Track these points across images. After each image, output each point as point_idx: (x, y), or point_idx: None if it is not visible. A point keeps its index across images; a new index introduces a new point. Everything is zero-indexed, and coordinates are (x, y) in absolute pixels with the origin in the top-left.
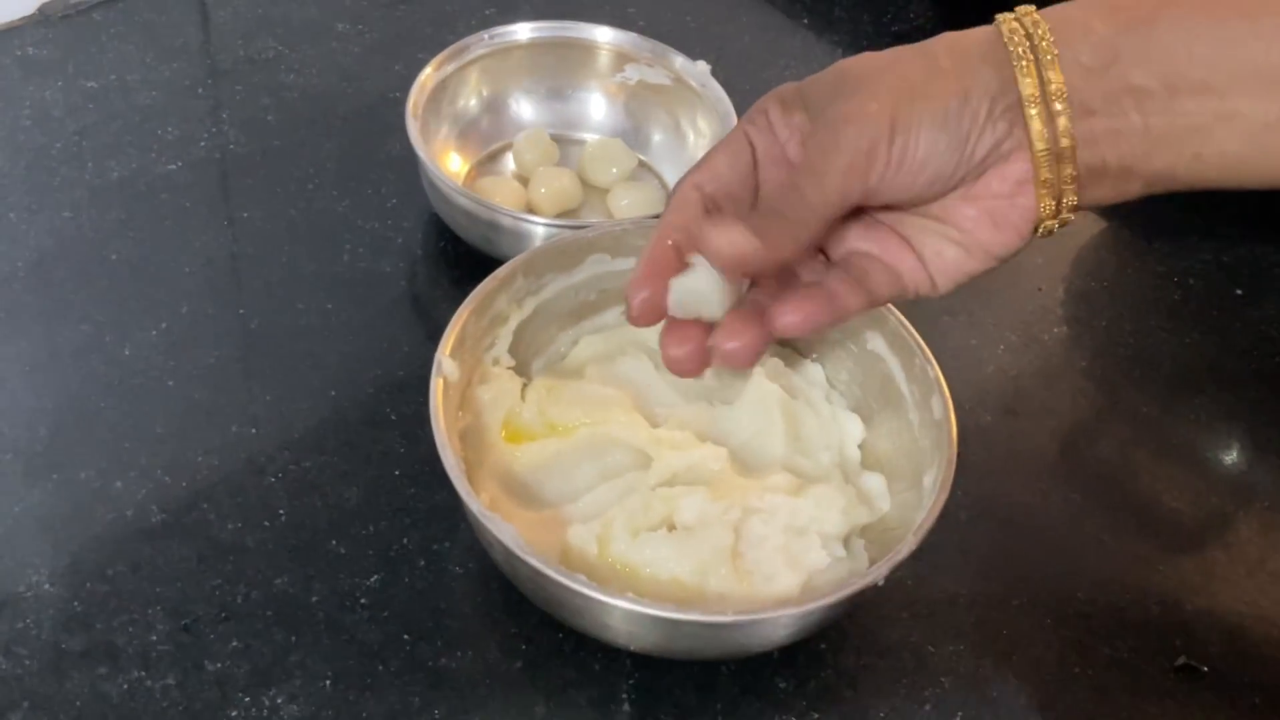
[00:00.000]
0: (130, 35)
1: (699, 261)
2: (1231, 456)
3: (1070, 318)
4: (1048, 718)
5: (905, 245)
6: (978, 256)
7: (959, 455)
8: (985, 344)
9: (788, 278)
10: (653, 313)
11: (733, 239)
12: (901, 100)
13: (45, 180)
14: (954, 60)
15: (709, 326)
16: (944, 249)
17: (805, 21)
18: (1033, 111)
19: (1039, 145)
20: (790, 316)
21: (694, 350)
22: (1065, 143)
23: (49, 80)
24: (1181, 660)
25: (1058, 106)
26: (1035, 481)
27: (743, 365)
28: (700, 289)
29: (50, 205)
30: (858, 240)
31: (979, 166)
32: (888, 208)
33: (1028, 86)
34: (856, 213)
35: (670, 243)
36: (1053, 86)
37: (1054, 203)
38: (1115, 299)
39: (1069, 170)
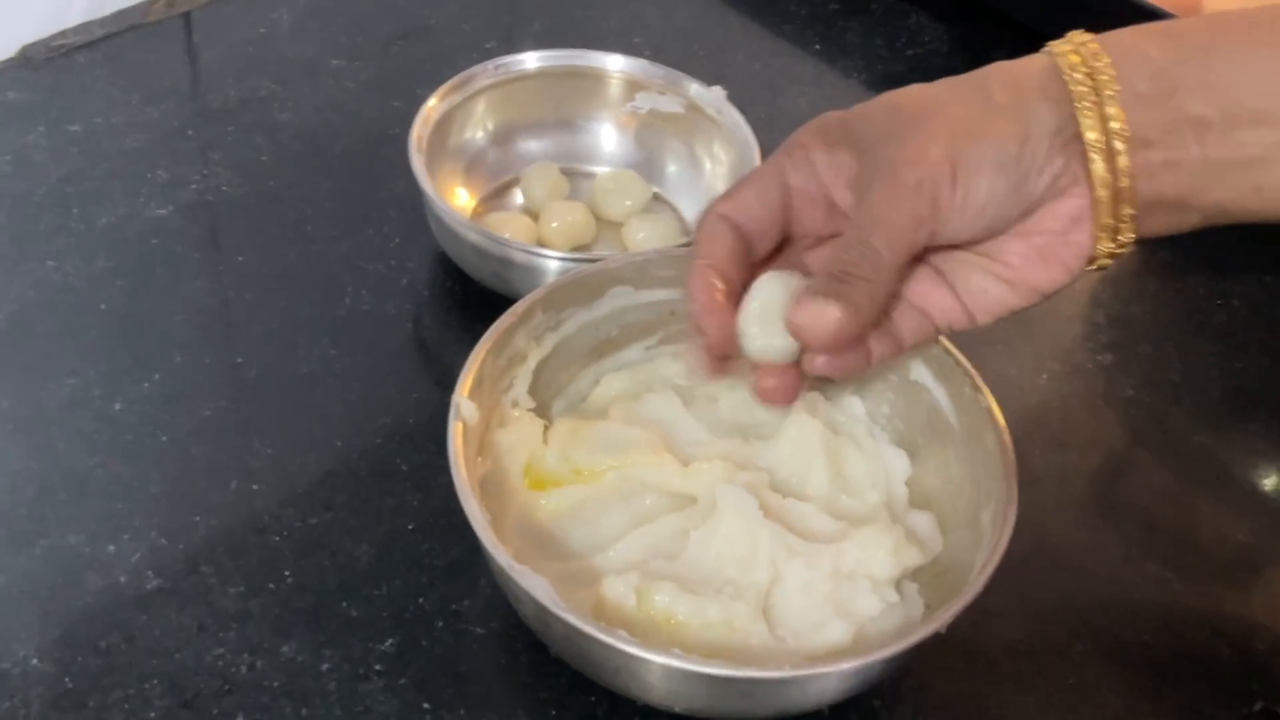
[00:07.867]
0: (115, 78)
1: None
2: None
3: (1112, 344)
4: None
5: (941, 283)
6: (1022, 293)
7: None
8: (1026, 374)
9: None
10: (729, 344)
11: (825, 315)
12: (961, 142)
13: (27, 229)
14: (1010, 96)
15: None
16: (988, 286)
17: (817, 47)
18: (1095, 156)
19: (1100, 191)
20: (824, 362)
21: (785, 379)
22: (1125, 183)
23: (30, 125)
24: (1259, 705)
25: (1119, 146)
26: (1089, 518)
27: (781, 403)
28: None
29: (32, 255)
30: None
31: (1035, 204)
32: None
33: (1090, 129)
34: None
35: (718, 286)
36: (1114, 125)
37: (1112, 242)
38: (1158, 323)
39: (1127, 210)
